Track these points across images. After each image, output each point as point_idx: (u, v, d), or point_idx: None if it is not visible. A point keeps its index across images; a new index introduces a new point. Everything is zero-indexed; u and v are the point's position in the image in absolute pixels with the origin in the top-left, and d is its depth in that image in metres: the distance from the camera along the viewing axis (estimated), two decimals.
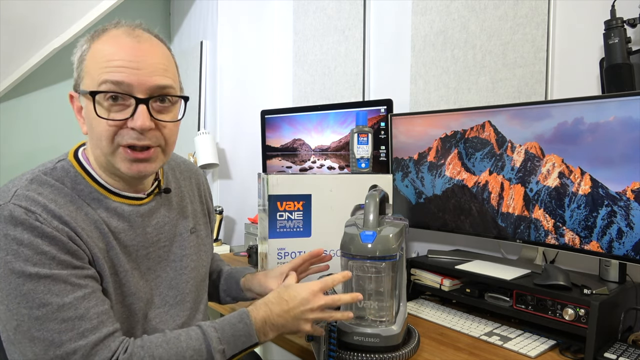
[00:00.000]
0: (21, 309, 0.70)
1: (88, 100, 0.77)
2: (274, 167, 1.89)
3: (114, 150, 0.79)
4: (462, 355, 1.02)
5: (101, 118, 0.77)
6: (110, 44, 0.77)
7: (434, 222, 1.44)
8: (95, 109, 0.76)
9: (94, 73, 0.77)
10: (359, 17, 1.88)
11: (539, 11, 1.34)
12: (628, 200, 1.02)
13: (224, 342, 0.78)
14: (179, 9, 2.63)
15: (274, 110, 1.87)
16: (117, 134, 0.78)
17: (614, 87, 1.12)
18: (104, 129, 0.77)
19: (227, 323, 0.81)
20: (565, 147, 1.13)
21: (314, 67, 2.08)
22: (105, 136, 0.77)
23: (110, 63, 0.76)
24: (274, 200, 1.21)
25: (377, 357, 0.95)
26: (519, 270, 1.20)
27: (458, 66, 1.55)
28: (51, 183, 0.78)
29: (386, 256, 0.95)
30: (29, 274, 0.70)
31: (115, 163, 0.80)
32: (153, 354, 0.74)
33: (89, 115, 0.78)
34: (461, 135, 1.35)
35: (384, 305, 1.01)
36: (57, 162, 0.83)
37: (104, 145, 0.78)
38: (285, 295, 0.85)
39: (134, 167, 0.80)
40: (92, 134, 0.80)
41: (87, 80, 0.78)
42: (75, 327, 0.71)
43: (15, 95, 2.24)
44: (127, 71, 0.76)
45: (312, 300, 0.85)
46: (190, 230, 0.96)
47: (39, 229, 0.72)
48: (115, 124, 0.77)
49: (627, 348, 1.01)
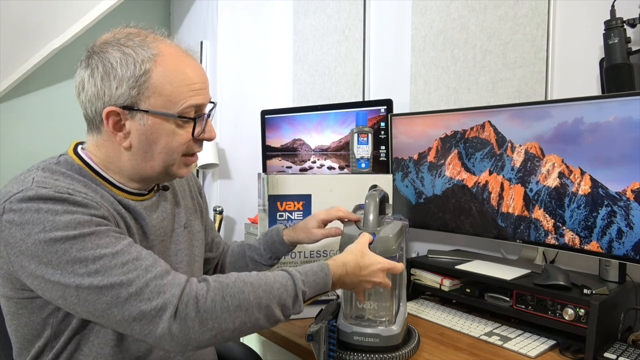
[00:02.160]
0: (77, 270, 0.70)
1: (160, 119, 0.81)
2: (274, 167, 1.89)
3: (178, 159, 0.86)
4: (462, 355, 1.02)
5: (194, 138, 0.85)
6: (180, 66, 0.82)
7: (434, 222, 1.44)
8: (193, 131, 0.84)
9: (174, 96, 0.80)
10: (359, 17, 1.88)
11: (539, 11, 1.34)
12: (628, 200, 1.02)
13: (307, 285, 0.83)
14: (179, 9, 2.62)
15: (274, 110, 1.87)
16: (188, 146, 0.86)
17: (614, 87, 1.12)
18: (181, 143, 0.84)
19: (309, 269, 0.86)
20: (565, 147, 1.13)
21: (314, 67, 2.08)
22: (181, 150, 0.85)
23: (191, 87, 0.82)
24: (274, 200, 1.21)
25: (377, 357, 0.95)
26: (519, 270, 1.20)
27: (458, 66, 1.55)
28: (62, 171, 0.81)
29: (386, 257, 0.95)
30: (73, 236, 0.71)
31: (175, 170, 0.87)
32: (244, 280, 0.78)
33: (156, 133, 0.81)
34: (461, 135, 1.35)
35: (384, 306, 1.01)
36: (59, 156, 0.85)
37: (174, 157, 0.84)
38: (362, 262, 0.91)
39: (189, 169, 0.90)
40: (153, 148, 0.82)
41: (159, 101, 0.80)
42: (137, 266, 0.72)
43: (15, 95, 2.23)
44: (203, 92, 0.84)
45: (379, 275, 0.92)
46: (183, 225, 0.98)
47: (70, 199, 0.74)
48: (191, 137, 0.85)
49: (627, 348, 1.01)
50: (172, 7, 2.70)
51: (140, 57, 0.79)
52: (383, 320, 1.01)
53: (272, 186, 1.21)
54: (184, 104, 0.81)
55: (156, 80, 0.79)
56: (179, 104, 0.81)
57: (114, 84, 0.78)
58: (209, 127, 0.88)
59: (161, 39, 0.84)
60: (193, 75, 0.83)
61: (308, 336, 0.96)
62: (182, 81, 0.81)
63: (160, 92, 0.80)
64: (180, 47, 0.85)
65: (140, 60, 0.79)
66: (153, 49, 0.80)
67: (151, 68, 0.79)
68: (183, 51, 0.85)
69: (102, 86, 0.79)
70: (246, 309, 0.76)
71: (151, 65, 0.79)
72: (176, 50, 0.83)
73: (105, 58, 0.79)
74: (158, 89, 0.79)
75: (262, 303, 0.77)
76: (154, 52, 0.80)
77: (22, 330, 0.81)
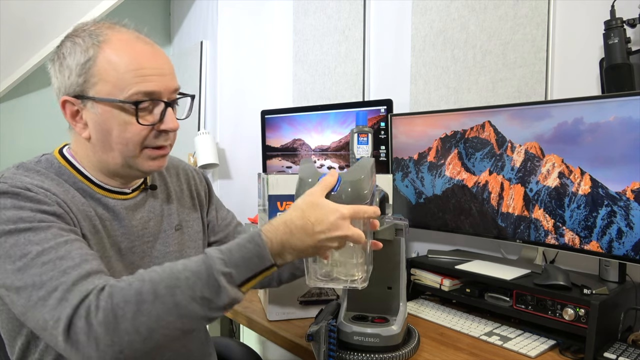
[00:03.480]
0: (6, 266, 0.68)
1: (109, 107, 0.78)
2: (274, 167, 1.89)
3: (140, 152, 0.82)
4: (462, 355, 1.02)
5: (140, 125, 0.79)
6: (127, 51, 0.78)
7: (434, 222, 1.44)
8: (137, 118, 0.79)
9: (119, 82, 0.77)
10: (359, 17, 1.88)
11: (539, 11, 1.34)
12: (628, 200, 1.02)
13: (231, 265, 0.68)
14: (179, 9, 2.63)
15: (274, 110, 1.87)
16: (146, 137, 0.81)
17: (614, 87, 1.12)
18: (135, 134, 0.80)
19: (235, 244, 0.71)
20: (565, 147, 1.13)
21: (314, 67, 2.08)
22: (136, 140, 0.80)
23: (138, 72, 0.78)
24: (274, 200, 1.21)
25: (377, 357, 0.95)
26: (519, 270, 1.20)
27: (458, 66, 1.55)
28: (37, 169, 0.81)
29: None
30: (9, 230, 0.69)
31: (137, 163, 0.82)
32: (143, 277, 0.67)
33: (108, 122, 0.79)
34: (461, 135, 1.35)
35: (354, 263, 0.84)
36: (42, 155, 0.85)
37: (131, 148, 0.80)
38: (313, 216, 0.72)
39: (155, 163, 0.84)
40: (109, 138, 0.80)
41: (106, 88, 0.78)
42: (56, 266, 0.66)
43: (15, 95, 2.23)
44: (156, 79, 0.79)
45: (340, 226, 0.73)
46: (175, 227, 0.95)
47: (22, 194, 0.72)
48: (148, 128, 0.80)
49: (627, 348, 1.01)
50: (172, 7, 2.70)
51: (86, 45, 0.78)
52: (355, 279, 0.83)
53: (272, 186, 1.21)
54: (129, 91, 0.77)
55: (101, 67, 0.77)
56: (125, 90, 0.77)
57: (66, 73, 0.79)
58: (168, 117, 0.81)
59: (117, 28, 0.81)
60: (143, 60, 0.79)
61: (308, 336, 0.96)
62: (128, 66, 0.77)
63: (106, 79, 0.77)
64: (136, 33, 0.82)
65: (85, 47, 0.78)
66: (100, 36, 0.79)
67: (95, 54, 0.77)
68: (136, 37, 0.81)
69: (59, 77, 0.80)
70: (149, 312, 0.63)
71: (95, 51, 0.77)
72: (128, 37, 0.80)
73: (60, 50, 0.81)
74: (103, 75, 0.77)
75: (167, 302, 0.64)
76: (100, 38, 0.78)
77: (6, 326, 0.80)
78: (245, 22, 2.28)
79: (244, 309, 1.30)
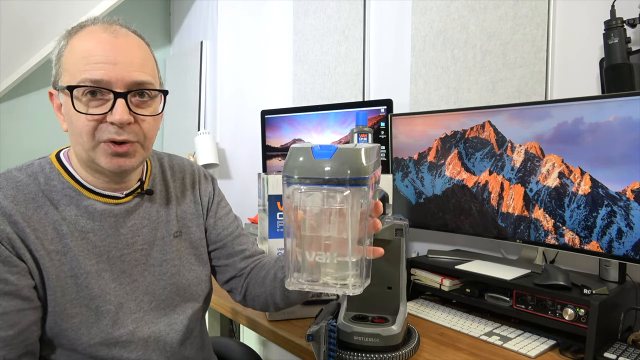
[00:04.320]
0: None
1: (67, 96, 0.77)
2: (274, 167, 1.89)
3: (95, 146, 0.78)
4: (462, 355, 1.02)
5: (80, 113, 0.76)
6: (87, 40, 0.78)
7: (434, 222, 1.44)
8: (73, 104, 0.76)
9: (73, 69, 0.77)
10: (359, 17, 1.88)
11: (539, 11, 1.34)
12: (628, 200, 1.02)
13: None
14: (179, 9, 2.63)
15: (274, 110, 1.87)
16: (97, 129, 0.77)
17: (614, 87, 1.12)
18: (83, 124, 0.77)
19: None
20: (565, 147, 1.13)
21: (314, 67, 2.08)
22: (85, 131, 0.77)
23: (89, 60, 0.76)
24: (274, 200, 1.21)
25: (377, 357, 0.95)
26: (519, 270, 1.20)
27: (458, 66, 1.55)
28: (19, 179, 0.79)
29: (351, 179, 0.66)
30: None
31: (96, 158, 0.79)
32: None
33: (69, 112, 0.78)
34: (461, 135, 1.35)
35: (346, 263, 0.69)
36: (37, 159, 0.85)
37: (85, 140, 0.78)
38: None
39: (114, 161, 0.79)
40: (72, 130, 0.79)
41: (66, 77, 0.78)
42: None
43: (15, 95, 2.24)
44: (105, 67, 0.76)
45: None
46: (174, 234, 0.92)
47: None
48: (94, 118, 0.77)
49: (627, 348, 1.01)
50: (172, 7, 2.70)
51: (60, 38, 0.80)
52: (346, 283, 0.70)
53: (272, 186, 1.21)
54: (78, 78, 0.76)
55: (66, 57, 0.78)
56: (75, 77, 0.76)
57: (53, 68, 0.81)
58: (115, 108, 0.76)
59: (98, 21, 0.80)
60: (96, 48, 0.76)
61: (308, 336, 0.96)
62: (80, 54, 0.77)
63: (66, 68, 0.78)
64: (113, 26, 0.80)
65: (59, 40, 0.80)
66: (76, 29, 0.79)
67: (64, 45, 0.79)
68: (105, 29, 0.79)
69: None
70: None
71: (65, 42, 0.79)
72: (97, 28, 0.79)
73: None
74: (65, 65, 0.78)
75: None
76: (73, 31, 0.79)
77: None
78: (245, 22, 2.28)
79: (243, 309, 1.30)
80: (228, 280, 1.03)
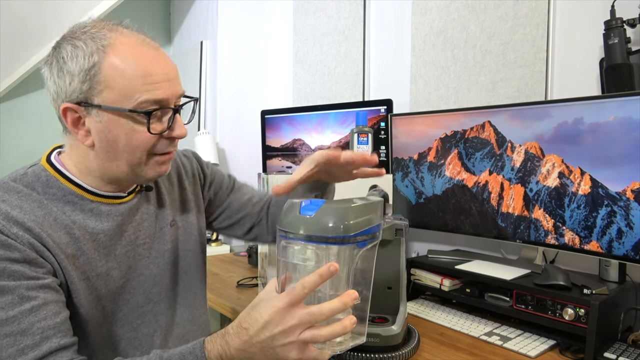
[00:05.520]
0: None
1: (115, 115, 0.75)
2: (274, 167, 1.89)
3: (147, 160, 0.80)
4: (462, 355, 1.02)
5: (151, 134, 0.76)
6: (134, 57, 0.75)
7: (434, 222, 1.44)
8: (149, 127, 0.76)
9: (126, 89, 0.74)
10: (359, 17, 1.88)
11: (539, 11, 1.34)
12: (628, 200, 1.02)
13: None
14: (179, 9, 2.63)
15: (274, 110, 1.87)
16: (155, 145, 0.79)
17: (614, 87, 1.12)
18: (144, 142, 0.77)
19: (177, 353, 0.69)
20: (565, 147, 1.13)
21: (314, 67, 2.08)
22: (144, 148, 0.78)
23: (147, 79, 0.75)
24: None
25: (377, 357, 0.96)
26: (519, 270, 1.20)
27: (458, 66, 1.55)
28: (18, 189, 0.77)
29: (331, 237, 0.64)
30: None
31: (144, 170, 0.80)
32: None
33: (114, 130, 0.76)
34: (461, 135, 1.35)
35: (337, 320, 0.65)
36: (29, 167, 0.81)
37: (139, 156, 0.78)
38: (245, 322, 0.66)
39: (162, 169, 0.82)
40: (115, 147, 0.77)
41: (112, 96, 0.74)
42: (16, 342, 0.67)
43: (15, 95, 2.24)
44: (164, 86, 0.76)
45: (280, 321, 0.63)
46: (170, 223, 0.93)
47: None
48: (157, 136, 0.78)
49: (627, 348, 1.01)
50: (172, 7, 2.70)
51: (89, 49, 0.74)
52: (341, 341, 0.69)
53: (272, 186, 1.21)
54: (139, 99, 0.74)
55: (107, 73, 0.74)
56: (133, 98, 0.74)
57: (67, 79, 0.75)
58: (177, 123, 0.79)
59: (119, 29, 0.77)
60: (150, 66, 0.75)
61: None
62: (135, 72, 0.74)
63: (113, 86, 0.74)
64: (140, 36, 0.78)
65: (89, 52, 0.74)
66: (104, 40, 0.75)
67: (101, 60, 0.73)
68: (141, 41, 0.77)
69: (58, 82, 0.76)
70: None
71: (100, 57, 0.74)
72: (133, 41, 0.76)
73: (59, 53, 0.76)
74: (110, 83, 0.74)
75: None
76: (104, 42, 0.74)
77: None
78: (245, 22, 2.28)
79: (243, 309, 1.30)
80: (249, 230, 1.06)
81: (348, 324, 0.64)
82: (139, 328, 0.86)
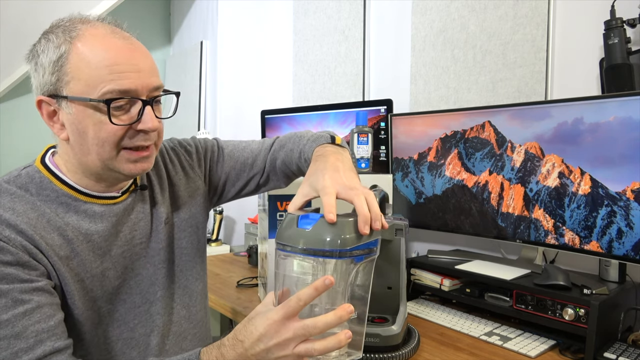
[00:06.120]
0: None
1: (82, 106, 0.74)
2: None
3: (117, 154, 0.77)
4: (462, 355, 1.02)
5: (114, 124, 0.74)
6: (101, 47, 0.74)
7: (434, 222, 1.44)
8: (109, 117, 0.74)
9: (91, 79, 0.73)
10: (359, 17, 1.88)
11: (539, 11, 1.34)
12: (628, 200, 1.02)
13: None
14: (179, 9, 2.63)
15: (274, 110, 1.87)
16: (123, 138, 0.77)
17: (614, 87, 1.12)
18: (110, 134, 0.75)
19: None
20: (565, 147, 1.13)
21: (314, 67, 2.08)
22: (112, 141, 0.76)
23: (112, 69, 0.73)
24: (274, 200, 1.21)
25: (377, 357, 0.95)
26: (519, 270, 1.20)
27: (458, 66, 1.55)
28: (12, 191, 0.76)
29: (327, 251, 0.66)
30: None
31: (116, 166, 0.78)
32: None
33: (83, 122, 0.75)
34: (461, 135, 1.35)
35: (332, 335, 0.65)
36: (23, 169, 0.81)
37: (107, 150, 0.76)
38: (241, 334, 0.67)
39: (138, 166, 0.79)
40: (85, 139, 0.76)
41: (79, 86, 0.73)
42: (10, 346, 0.67)
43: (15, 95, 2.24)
44: (132, 76, 0.74)
45: (274, 334, 0.64)
46: (164, 221, 0.92)
47: None
48: (124, 128, 0.76)
49: (627, 348, 1.01)
50: (172, 7, 2.70)
51: (58, 41, 0.74)
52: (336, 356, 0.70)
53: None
54: (102, 89, 0.72)
55: (73, 64, 0.73)
56: (97, 88, 0.72)
57: (41, 72, 0.75)
58: (146, 116, 0.76)
59: (91, 22, 0.76)
60: (117, 56, 0.73)
61: None
62: (102, 62, 0.72)
63: (79, 76, 0.73)
64: (112, 28, 0.77)
65: (58, 44, 0.74)
66: (74, 31, 0.74)
67: (67, 50, 0.73)
68: (110, 31, 0.76)
69: (36, 76, 0.76)
70: None
71: (67, 48, 0.73)
72: (102, 31, 0.75)
73: (34, 48, 0.76)
74: (76, 73, 0.73)
75: None
76: (73, 34, 0.74)
77: None
78: (245, 22, 2.28)
79: (243, 309, 1.30)
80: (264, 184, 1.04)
81: (343, 338, 0.64)
82: (135, 328, 0.86)
